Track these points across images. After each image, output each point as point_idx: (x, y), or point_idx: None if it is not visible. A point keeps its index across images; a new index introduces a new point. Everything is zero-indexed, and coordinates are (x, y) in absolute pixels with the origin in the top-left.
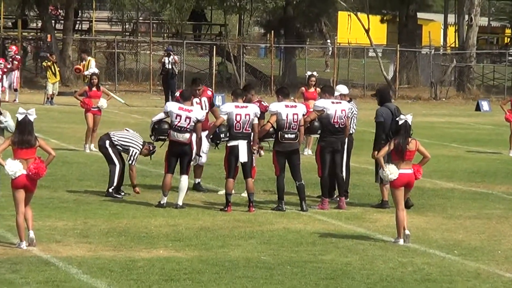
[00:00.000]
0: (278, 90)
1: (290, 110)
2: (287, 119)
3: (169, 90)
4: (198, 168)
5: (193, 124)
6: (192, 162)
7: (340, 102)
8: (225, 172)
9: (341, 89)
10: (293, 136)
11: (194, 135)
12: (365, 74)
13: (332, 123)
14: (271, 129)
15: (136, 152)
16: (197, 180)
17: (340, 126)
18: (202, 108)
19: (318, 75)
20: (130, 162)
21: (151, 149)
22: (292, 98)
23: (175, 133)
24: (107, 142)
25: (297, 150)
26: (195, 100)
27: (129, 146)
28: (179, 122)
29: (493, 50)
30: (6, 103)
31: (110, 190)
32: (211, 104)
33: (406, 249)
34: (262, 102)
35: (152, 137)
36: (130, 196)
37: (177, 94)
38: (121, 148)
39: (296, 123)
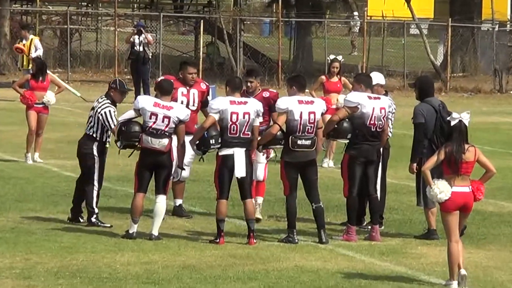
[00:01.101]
0: (290, 79)
1: (305, 107)
2: (301, 120)
3: (140, 79)
4: (179, 186)
5: (173, 126)
6: (172, 178)
7: (379, 98)
8: (215, 191)
9: (376, 77)
10: (308, 142)
11: (174, 141)
12: (405, 58)
13: (367, 126)
14: (279, 133)
15: (108, 110)
16: (178, 202)
17: (377, 129)
18: (189, 103)
19: (343, 59)
20: (109, 124)
21: (116, 87)
22: (307, 90)
23: (149, 138)
24: (95, 144)
25: (314, 161)
26: (181, 90)
27: (97, 114)
28: (154, 123)
29: None
30: None
31: (93, 219)
32: (204, 102)
33: None
34: (270, 90)
35: (118, 144)
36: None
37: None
38: (105, 137)
39: (312, 125)
